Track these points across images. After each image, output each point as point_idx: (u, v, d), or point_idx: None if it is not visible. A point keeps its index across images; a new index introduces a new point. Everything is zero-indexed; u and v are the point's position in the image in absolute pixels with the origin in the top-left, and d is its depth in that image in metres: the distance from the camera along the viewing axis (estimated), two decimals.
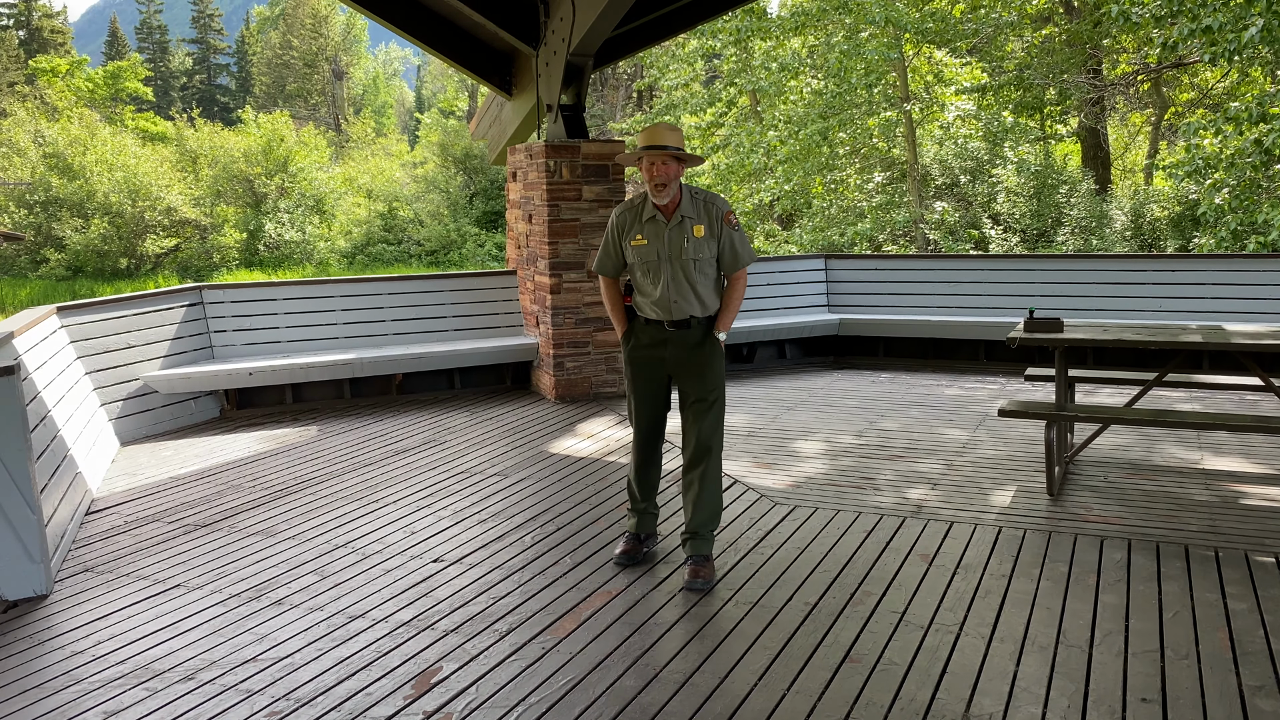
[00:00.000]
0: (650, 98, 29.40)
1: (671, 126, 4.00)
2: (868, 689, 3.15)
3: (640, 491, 4.37)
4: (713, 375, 4.10)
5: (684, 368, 4.11)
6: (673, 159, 3.92)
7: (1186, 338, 4.96)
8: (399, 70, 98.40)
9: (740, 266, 4.10)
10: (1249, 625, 3.51)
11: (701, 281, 4.04)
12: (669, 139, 3.92)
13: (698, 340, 4.09)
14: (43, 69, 53.40)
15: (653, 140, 3.92)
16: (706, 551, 4.11)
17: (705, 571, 4.04)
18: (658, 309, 4.07)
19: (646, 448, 4.32)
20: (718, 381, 4.12)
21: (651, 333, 4.13)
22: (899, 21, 17.47)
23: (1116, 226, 17.81)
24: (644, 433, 4.29)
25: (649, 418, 4.26)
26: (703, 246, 4.00)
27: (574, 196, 7.56)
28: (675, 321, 4.06)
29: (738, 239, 4.06)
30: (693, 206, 4.02)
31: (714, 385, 4.11)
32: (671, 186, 3.94)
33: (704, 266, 4.03)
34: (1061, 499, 4.97)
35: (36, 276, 33.26)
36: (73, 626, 3.83)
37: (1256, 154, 11.76)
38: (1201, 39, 11.53)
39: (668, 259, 4.00)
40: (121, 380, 6.85)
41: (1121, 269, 8.57)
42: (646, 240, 4.03)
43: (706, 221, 4.02)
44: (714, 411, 4.10)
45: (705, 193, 4.10)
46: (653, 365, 4.17)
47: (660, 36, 8.77)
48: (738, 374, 8.55)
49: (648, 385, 4.21)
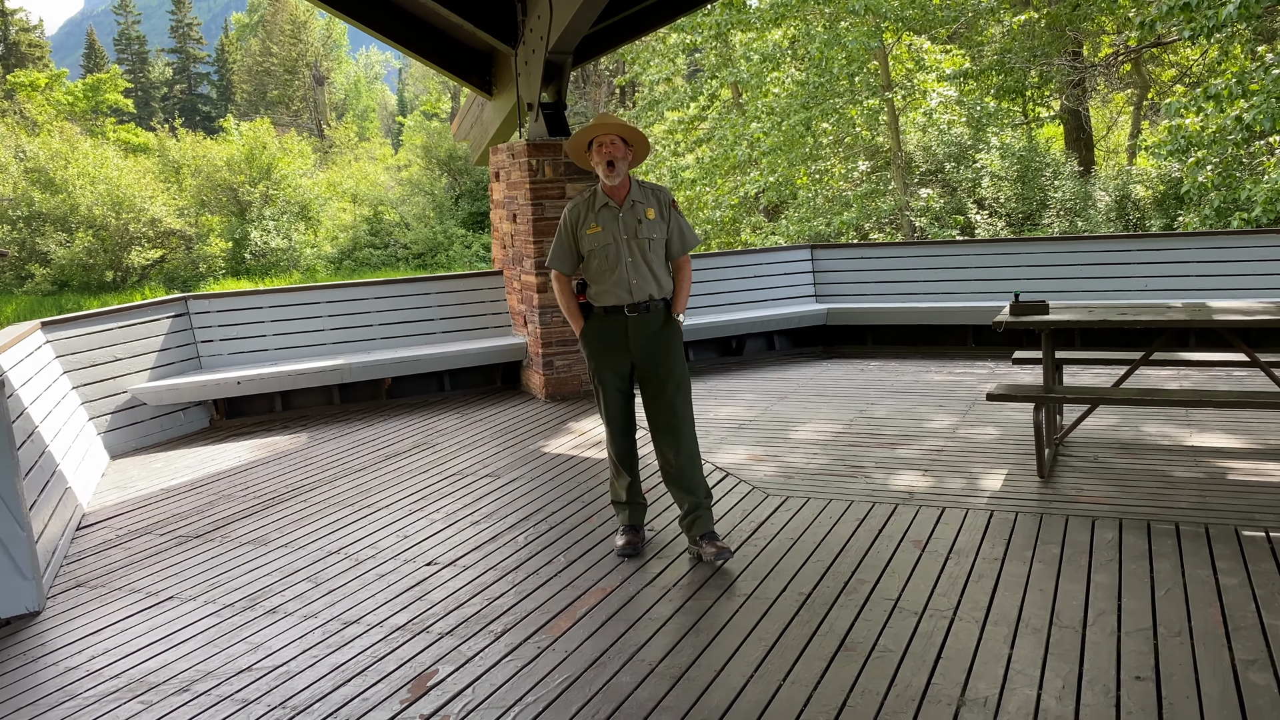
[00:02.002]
0: (633, 93, 29.36)
1: (614, 116, 4.27)
2: (863, 677, 3.16)
3: (626, 467, 4.43)
4: (675, 355, 4.28)
5: (647, 352, 4.25)
6: (620, 140, 4.12)
7: (1171, 316, 4.97)
8: (380, 74, 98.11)
9: (687, 250, 4.34)
10: (1240, 600, 3.53)
11: (656, 262, 4.24)
12: (615, 120, 4.17)
13: (659, 324, 4.26)
14: (21, 83, 53.06)
15: (600, 122, 4.15)
16: (712, 526, 4.27)
17: (722, 543, 4.21)
18: (617, 292, 4.20)
19: (623, 437, 4.41)
20: (680, 361, 4.30)
21: (611, 321, 4.25)
22: (879, 9, 17.47)
23: (1101, 207, 17.85)
24: (619, 422, 4.38)
25: (620, 407, 4.36)
26: (655, 228, 4.22)
27: (558, 195, 7.55)
28: (636, 305, 4.21)
29: (684, 224, 4.32)
30: (641, 193, 4.26)
31: (677, 364, 4.28)
32: (620, 167, 4.13)
33: (657, 247, 4.24)
34: (1052, 481, 4.99)
35: (22, 292, 33.12)
36: (66, 642, 3.81)
37: (1238, 130, 11.79)
38: (1180, 16, 11.56)
39: (625, 241, 4.18)
40: (109, 393, 6.82)
41: (1106, 249, 8.60)
42: (601, 226, 4.20)
43: (657, 206, 4.25)
44: (682, 391, 4.29)
45: (651, 184, 4.33)
46: (616, 355, 4.28)
47: (639, 31, 8.75)
48: (727, 366, 8.56)
49: (614, 377, 4.31)
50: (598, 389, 4.35)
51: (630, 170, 4.25)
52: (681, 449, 4.26)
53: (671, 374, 4.24)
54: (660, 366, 4.24)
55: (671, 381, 4.24)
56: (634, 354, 4.25)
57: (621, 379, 4.32)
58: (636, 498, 4.46)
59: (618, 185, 4.18)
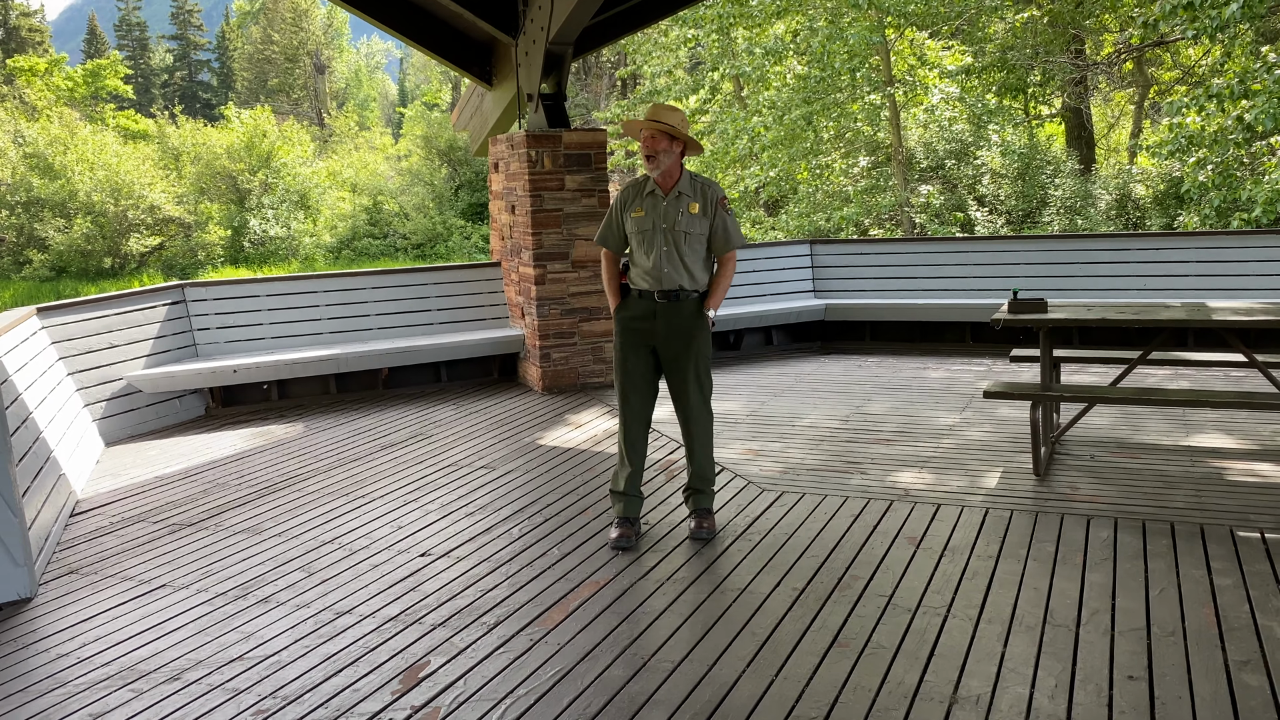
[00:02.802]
0: (634, 85, 29.30)
1: (672, 108, 4.26)
2: (856, 673, 3.15)
3: (630, 456, 4.44)
4: (698, 349, 4.32)
5: (670, 340, 4.31)
6: (663, 135, 4.16)
7: (1169, 315, 4.96)
8: (381, 63, 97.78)
9: (730, 249, 4.34)
10: (1234, 601, 3.52)
11: (690, 255, 4.26)
12: (665, 115, 4.19)
13: (687, 315, 4.30)
14: (21, 68, 52.86)
15: (651, 115, 4.20)
16: (709, 505, 4.47)
17: (709, 523, 4.42)
18: (649, 278, 4.28)
19: (635, 424, 4.43)
20: (703, 356, 4.34)
21: (643, 305, 4.33)
22: (882, 4, 17.43)
23: (1101, 206, 17.85)
24: (634, 408, 4.41)
25: (638, 392, 4.40)
26: (695, 223, 4.25)
27: (557, 186, 7.52)
28: (665, 291, 4.27)
29: (730, 223, 4.32)
30: (691, 186, 4.31)
31: (699, 358, 4.33)
32: (661, 159, 4.19)
33: (694, 242, 4.26)
34: (1048, 479, 4.98)
35: (19, 278, 33.02)
36: (58, 629, 3.80)
37: (1239, 130, 11.77)
38: (1183, 16, 11.53)
39: (662, 229, 4.25)
40: (105, 380, 6.80)
41: (1106, 248, 8.59)
42: (644, 211, 4.29)
43: (702, 202, 4.29)
44: (701, 386, 4.37)
45: (704, 179, 4.37)
46: (641, 334, 4.35)
47: (640, 23, 8.72)
48: (725, 361, 8.55)
49: (635, 355, 4.38)
50: (619, 371, 4.43)
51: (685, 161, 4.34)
52: (694, 444, 4.43)
53: (693, 367, 4.32)
54: (682, 357, 4.32)
55: (692, 375, 4.33)
56: (659, 340, 4.33)
57: (644, 363, 4.38)
58: (633, 490, 4.46)
59: (665, 175, 4.26)
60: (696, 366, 4.33)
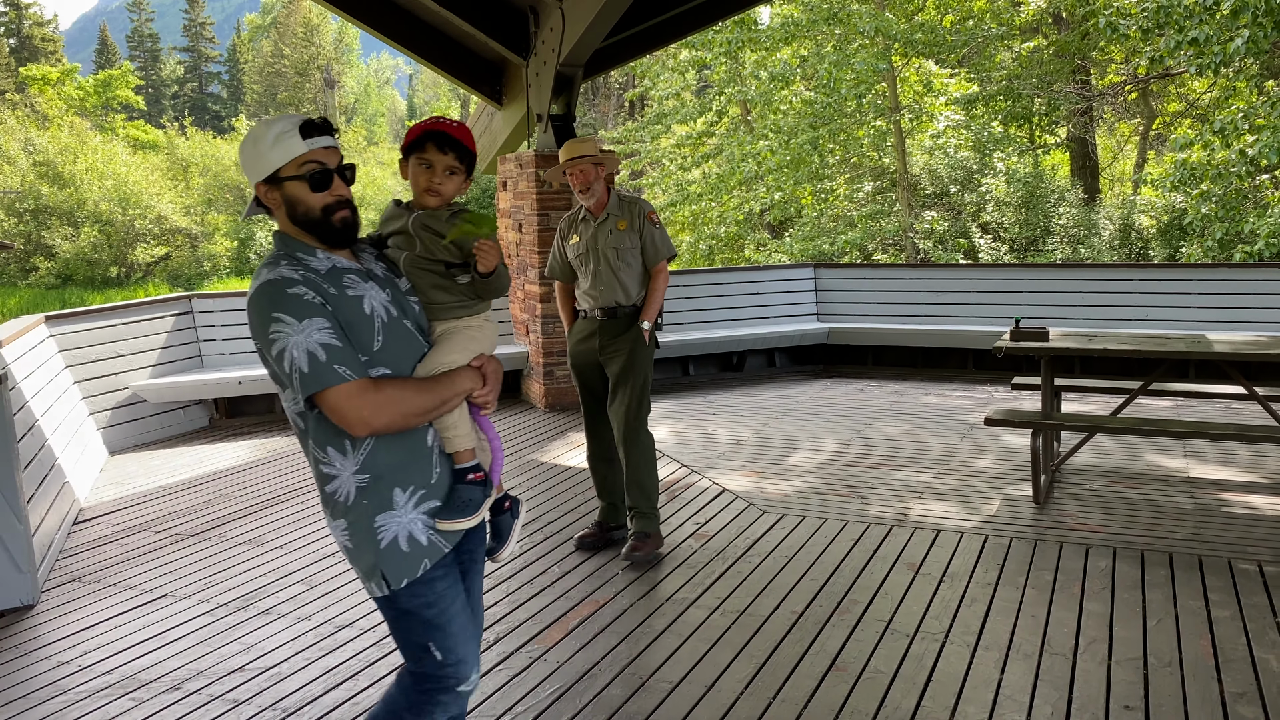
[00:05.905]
0: (642, 107, 29.46)
1: (584, 139, 4.52)
2: (853, 697, 3.16)
3: (595, 482, 4.74)
4: (633, 361, 4.46)
5: (610, 354, 4.49)
6: (590, 164, 4.39)
7: (1170, 347, 4.99)
8: (391, 79, 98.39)
9: (660, 259, 4.53)
10: (1231, 633, 3.53)
11: (625, 271, 4.46)
12: (584, 149, 4.42)
13: (623, 330, 4.48)
14: (33, 77, 53.26)
15: (570, 154, 4.42)
16: (646, 528, 4.46)
17: (643, 547, 4.40)
18: (588, 298, 4.51)
19: (590, 438, 4.69)
20: (639, 365, 4.48)
21: (586, 325, 4.57)
22: (888, 32, 17.56)
23: (1104, 236, 17.89)
24: (587, 423, 4.69)
25: (588, 409, 4.70)
26: (625, 238, 4.46)
27: (564, 206, 7.57)
28: (603, 308, 4.48)
29: (658, 235, 4.52)
30: (619, 207, 4.51)
31: (632, 372, 4.46)
32: (594, 188, 4.44)
33: (627, 256, 4.46)
34: (1047, 507, 5.00)
35: (26, 285, 33.11)
36: (59, 637, 3.82)
37: (1242, 164, 11.83)
38: (1189, 50, 11.61)
39: (595, 250, 4.46)
40: (110, 389, 6.83)
41: (1109, 278, 8.63)
42: (579, 237, 4.53)
43: (629, 218, 4.48)
44: (634, 393, 4.47)
45: (631, 196, 4.61)
46: (586, 354, 4.57)
47: (650, 47, 8.80)
48: (727, 382, 8.58)
49: (582, 373, 4.61)
50: (575, 385, 4.69)
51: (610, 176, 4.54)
52: (631, 456, 4.49)
53: (625, 379, 4.47)
54: (618, 367, 4.47)
55: (624, 387, 4.47)
56: (604, 357, 4.52)
57: (591, 381, 4.60)
58: (605, 496, 4.70)
59: (596, 201, 4.48)
60: (634, 382, 4.46)
